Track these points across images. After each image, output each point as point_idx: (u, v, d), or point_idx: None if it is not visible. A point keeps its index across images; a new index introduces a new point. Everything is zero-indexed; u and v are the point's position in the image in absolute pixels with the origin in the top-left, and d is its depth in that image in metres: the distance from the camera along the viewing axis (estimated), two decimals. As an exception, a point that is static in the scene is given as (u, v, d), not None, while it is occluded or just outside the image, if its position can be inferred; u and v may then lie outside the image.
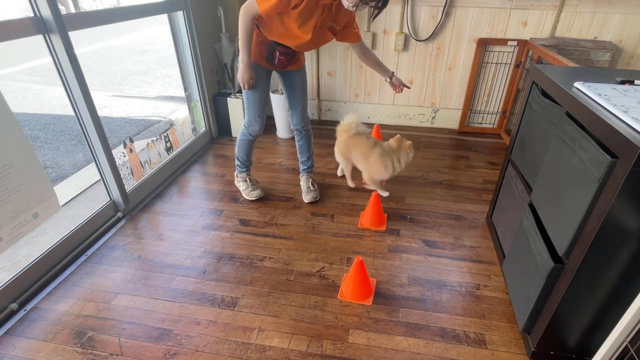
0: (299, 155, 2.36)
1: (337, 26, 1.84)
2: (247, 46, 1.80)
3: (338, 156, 2.40)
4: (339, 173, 2.59)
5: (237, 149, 2.27)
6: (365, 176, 2.32)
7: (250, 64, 1.86)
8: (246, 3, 1.69)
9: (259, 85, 1.98)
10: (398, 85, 2.08)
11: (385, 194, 2.37)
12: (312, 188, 2.33)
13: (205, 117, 3.01)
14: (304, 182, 2.36)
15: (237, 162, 2.33)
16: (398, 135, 2.25)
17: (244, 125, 2.15)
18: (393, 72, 2.08)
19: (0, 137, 1.39)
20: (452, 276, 1.77)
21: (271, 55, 1.89)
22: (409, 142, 2.21)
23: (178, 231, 2.05)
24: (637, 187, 0.96)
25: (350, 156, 2.31)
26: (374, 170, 2.25)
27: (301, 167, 2.39)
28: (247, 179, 2.34)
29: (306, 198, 2.28)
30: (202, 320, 1.54)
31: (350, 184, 2.46)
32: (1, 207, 1.42)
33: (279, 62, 1.91)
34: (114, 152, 2.04)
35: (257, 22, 1.79)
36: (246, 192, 2.32)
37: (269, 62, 1.93)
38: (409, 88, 2.09)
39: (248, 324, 1.53)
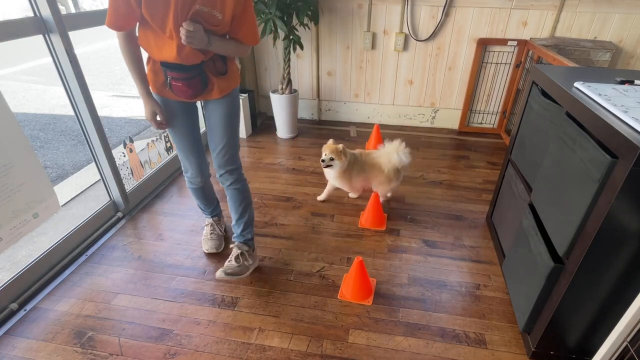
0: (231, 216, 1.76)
1: (217, 12, 1.29)
2: (137, 74, 1.40)
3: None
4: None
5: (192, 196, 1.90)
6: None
7: (148, 97, 1.45)
8: None
9: (175, 122, 1.55)
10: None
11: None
12: (232, 262, 1.67)
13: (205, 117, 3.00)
14: (232, 252, 1.73)
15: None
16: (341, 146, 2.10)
17: (183, 172, 1.77)
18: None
19: (0, 137, 1.39)
20: (452, 276, 1.77)
21: (168, 83, 1.43)
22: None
23: (178, 231, 2.05)
24: (637, 187, 0.96)
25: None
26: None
27: (233, 234, 1.77)
28: (210, 225, 1.95)
29: (217, 273, 1.64)
30: (202, 320, 1.54)
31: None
32: (1, 207, 1.42)
33: (177, 89, 1.42)
34: (114, 152, 2.04)
35: (140, 42, 1.37)
36: (202, 239, 1.94)
37: (172, 92, 1.46)
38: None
39: (248, 324, 1.53)
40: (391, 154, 2.11)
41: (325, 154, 2.09)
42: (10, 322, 1.52)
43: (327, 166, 2.11)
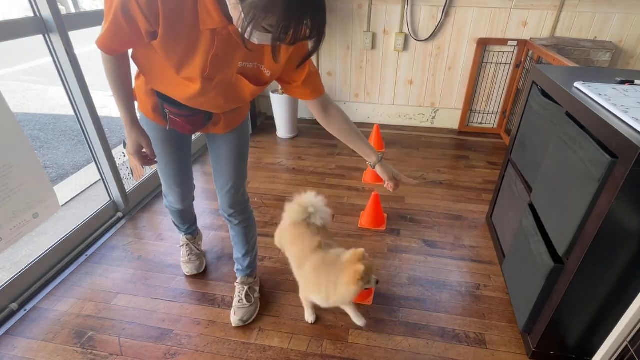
0: (233, 248, 1.61)
1: (266, 68, 1.06)
2: (123, 98, 1.13)
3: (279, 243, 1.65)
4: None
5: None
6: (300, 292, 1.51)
7: (133, 126, 1.18)
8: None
9: (161, 149, 1.33)
10: (390, 180, 1.26)
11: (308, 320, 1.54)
12: (244, 302, 1.54)
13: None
14: (236, 290, 1.60)
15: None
16: (362, 250, 1.32)
17: (163, 194, 1.59)
18: (381, 156, 1.25)
19: (0, 137, 1.39)
20: (452, 276, 1.77)
21: (164, 114, 1.20)
22: (361, 267, 1.26)
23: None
24: (637, 187, 0.96)
25: (286, 252, 1.57)
26: (305, 286, 1.46)
27: (235, 266, 1.64)
28: (186, 245, 1.78)
29: (233, 319, 1.52)
30: (202, 320, 1.54)
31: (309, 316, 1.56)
32: (1, 207, 1.42)
33: (173, 123, 1.20)
34: (114, 152, 2.04)
35: (137, 59, 1.09)
36: (182, 261, 1.79)
37: (166, 121, 1.22)
38: (414, 183, 1.23)
39: (248, 323, 1.53)
40: (312, 214, 1.50)
41: (371, 280, 1.35)
42: (10, 322, 1.52)
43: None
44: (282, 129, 3.14)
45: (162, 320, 1.54)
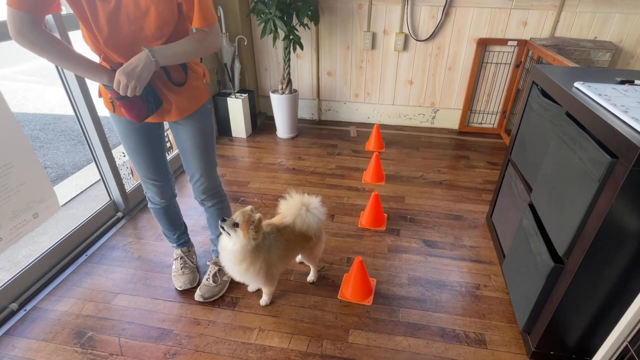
0: (209, 230, 1.72)
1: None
2: (75, 64, 1.09)
3: None
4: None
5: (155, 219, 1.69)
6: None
7: (98, 68, 1.11)
8: None
9: (129, 141, 1.36)
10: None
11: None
12: (210, 282, 1.65)
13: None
14: (208, 269, 1.70)
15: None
16: (248, 208, 1.38)
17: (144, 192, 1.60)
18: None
19: (0, 137, 1.39)
20: (452, 276, 1.77)
21: (110, 101, 1.20)
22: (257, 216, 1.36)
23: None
24: (637, 187, 0.96)
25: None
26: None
27: (211, 246, 1.77)
28: (180, 259, 1.74)
29: (195, 293, 1.62)
30: (202, 320, 1.54)
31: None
32: (1, 207, 1.42)
33: (118, 110, 1.22)
34: (114, 152, 2.04)
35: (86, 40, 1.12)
36: (173, 275, 1.72)
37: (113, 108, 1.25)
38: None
39: (248, 324, 1.53)
40: (300, 213, 1.45)
41: (235, 217, 1.35)
42: (10, 322, 1.52)
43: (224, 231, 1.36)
44: (282, 129, 3.14)
45: (162, 320, 1.54)
